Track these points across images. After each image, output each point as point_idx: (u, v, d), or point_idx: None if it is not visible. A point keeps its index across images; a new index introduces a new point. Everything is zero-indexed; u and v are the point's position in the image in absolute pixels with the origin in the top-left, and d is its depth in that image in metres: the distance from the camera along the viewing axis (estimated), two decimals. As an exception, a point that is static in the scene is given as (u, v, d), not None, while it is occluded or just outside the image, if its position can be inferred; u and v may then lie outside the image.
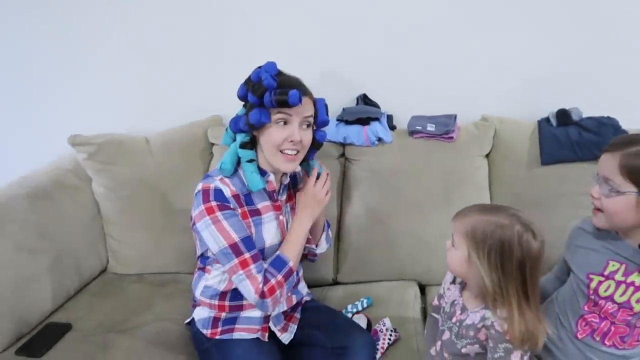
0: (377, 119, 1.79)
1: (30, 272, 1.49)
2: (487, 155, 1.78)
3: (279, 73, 1.24)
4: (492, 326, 1.04)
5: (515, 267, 1.00)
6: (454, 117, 1.79)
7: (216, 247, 1.22)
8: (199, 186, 1.26)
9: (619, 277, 1.11)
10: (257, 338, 1.33)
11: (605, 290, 1.12)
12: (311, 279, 1.68)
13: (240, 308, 1.34)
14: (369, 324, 1.46)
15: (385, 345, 1.37)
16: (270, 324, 1.36)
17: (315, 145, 1.32)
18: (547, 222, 1.51)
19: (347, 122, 1.80)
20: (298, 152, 1.25)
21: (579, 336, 1.16)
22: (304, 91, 1.22)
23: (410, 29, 1.81)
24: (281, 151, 1.24)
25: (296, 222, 1.34)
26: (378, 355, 1.34)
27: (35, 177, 1.72)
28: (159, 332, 1.44)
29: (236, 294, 1.32)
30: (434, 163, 1.73)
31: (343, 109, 1.86)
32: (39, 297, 1.50)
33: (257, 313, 1.35)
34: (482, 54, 1.82)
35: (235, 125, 1.27)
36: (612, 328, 1.12)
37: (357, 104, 1.90)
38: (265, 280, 1.22)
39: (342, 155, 1.83)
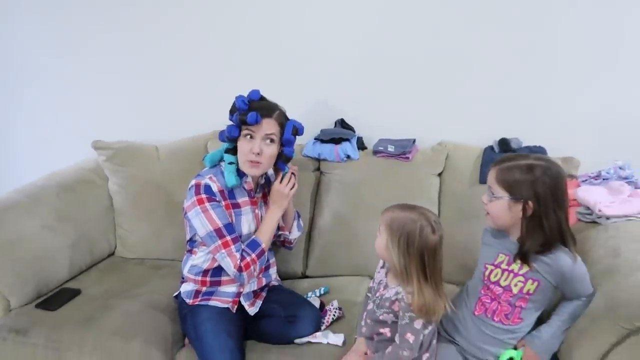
0: (347, 140, 2.12)
1: (53, 247, 1.85)
2: (440, 174, 2.08)
3: (260, 98, 1.59)
4: (402, 299, 1.34)
5: (416, 253, 1.29)
6: (412, 141, 2.11)
7: (204, 231, 1.55)
8: (192, 182, 1.60)
9: (504, 265, 1.41)
10: (227, 308, 1.64)
11: (495, 277, 1.42)
12: (283, 272, 1.99)
13: (219, 283, 1.66)
14: (322, 305, 1.76)
15: (330, 320, 1.67)
16: (241, 299, 1.67)
17: (283, 158, 1.64)
18: (480, 231, 1.77)
19: (323, 141, 2.13)
20: (260, 162, 1.57)
21: (476, 313, 1.45)
22: (266, 113, 1.55)
23: (385, 63, 2.15)
24: (248, 160, 1.57)
25: (268, 213, 1.67)
26: (323, 327, 1.64)
27: (63, 173, 2.11)
28: (152, 300, 1.76)
29: (216, 272, 1.64)
30: (391, 178, 2.02)
31: (321, 130, 2.19)
32: (57, 267, 1.86)
33: (231, 289, 1.66)
34: (447, 88, 2.12)
35: (221, 136, 1.63)
36: (499, 307, 1.41)
37: (335, 126, 2.23)
38: (242, 258, 1.55)
39: (318, 169, 2.16)
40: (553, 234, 1.33)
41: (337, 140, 2.11)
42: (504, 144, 2.01)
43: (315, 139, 2.16)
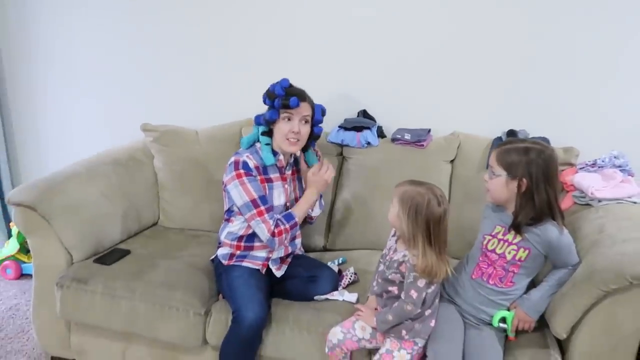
0: (369, 128, 2.33)
1: (108, 213, 2.13)
2: (451, 161, 2.27)
3: (290, 86, 1.82)
4: (408, 260, 1.55)
5: (422, 222, 1.50)
6: (427, 130, 2.31)
7: (241, 201, 1.78)
8: (232, 159, 1.83)
9: (500, 236, 1.61)
10: (258, 270, 1.88)
11: (492, 245, 1.62)
12: (306, 245, 2.20)
13: (251, 248, 1.89)
14: (340, 272, 1.99)
15: (347, 282, 1.89)
16: (270, 263, 1.91)
17: (313, 136, 1.89)
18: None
19: (346, 129, 2.34)
20: (298, 140, 1.81)
21: (473, 277, 1.65)
22: (302, 98, 1.79)
23: (404, 58, 2.35)
24: (287, 139, 1.81)
25: (307, 194, 1.90)
26: (340, 287, 1.87)
27: (116, 150, 2.40)
28: (192, 261, 2.02)
29: (250, 238, 1.87)
30: (407, 163, 2.22)
31: (345, 119, 2.41)
32: (111, 230, 2.14)
33: (262, 254, 1.89)
34: (461, 82, 2.31)
35: (257, 120, 1.87)
36: (494, 271, 1.61)
37: (358, 116, 2.44)
38: (276, 225, 1.78)
39: (341, 154, 2.38)
40: (543, 209, 1.52)
41: (359, 128, 2.33)
42: (511, 134, 2.18)
43: (339, 126, 2.37)
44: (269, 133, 1.85)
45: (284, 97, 1.76)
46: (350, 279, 1.90)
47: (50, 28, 2.76)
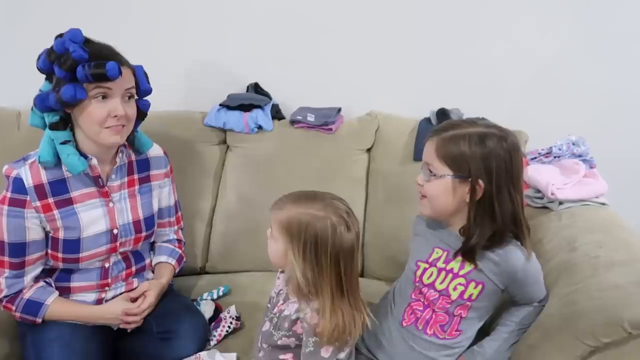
0: (260, 107, 1.76)
1: None
2: (368, 150, 1.78)
3: (87, 41, 1.14)
4: (305, 318, 1.00)
5: (329, 262, 0.96)
6: (337, 110, 1.80)
7: None
8: (4, 168, 1.16)
9: (440, 264, 1.10)
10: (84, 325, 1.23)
11: (429, 278, 1.11)
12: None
13: (68, 290, 1.25)
14: (218, 311, 1.40)
15: (224, 333, 1.31)
16: None
17: (140, 115, 1.25)
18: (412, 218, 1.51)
19: (229, 108, 1.76)
20: (123, 125, 1.17)
21: (404, 324, 1.14)
22: (121, 61, 1.14)
23: (309, 18, 1.80)
24: (107, 127, 1.15)
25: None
26: (213, 342, 1.28)
27: None
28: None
29: (64, 274, 1.25)
30: (310, 153, 1.71)
31: (228, 95, 1.82)
32: None
33: (90, 296, 1.26)
34: (377, 50, 1.82)
35: (42, 104, 1.12)
36: (433, 316, 1.11)
37: (248, 91, 1.86)
38: (11, 299, 1.18)
39: (223, 142, 1.80)
40: (505, 224, 1.04)
41: (247, 107, 1.76)
42: (442, 115, 1.73)
43: (220, 105, 1.79)
44: (62, 123, 1.16)
45: (93, 64, 1.08)
46: (229, 326, 1.32)
47: None
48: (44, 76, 1.17)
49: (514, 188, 1.03)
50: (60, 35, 1.12)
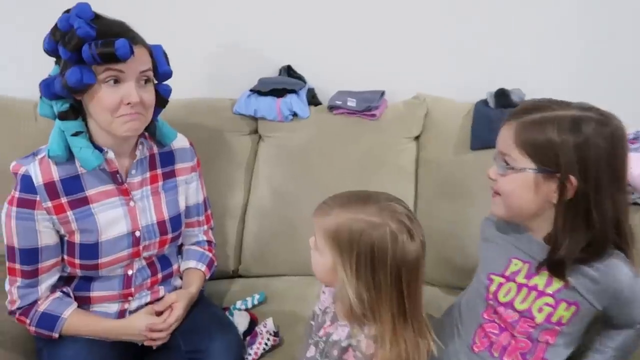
0: (294, 92, 1.64)
1: None
2: (417, 138, 1.62)
3: (96, 17, 1.00)
4: (359, 347, 0.83)
5: (390, 280, 0.79)
6: (380, 93, 1.66)
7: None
8: (12, 164, 1.05)
9: (520, 279, 0.92)
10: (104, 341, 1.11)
11: (505, 295, 0.93)
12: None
13: (88, 301, 1.14)
14: (253, 323, 1.25)
15: (260, 351, 1.16)
16: None
17: (160, 102, 1.11)
18: (470, 215, 1.37)
19: (261, 94, 1.65)
20: (140, 113, 1.03)
21: (476, 349, 0.96)
22: (134, 39, 0.99)
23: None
24: (120, 115, 1.01)
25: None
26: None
27: None
28: None
29: (83, 282, 1.14)
30: (351, 142, 1.58)
31: (259, 79, 1.69)
32: None
33: (112, 307, 1.14)
34: (425, 26, 1.67)
35: (48, 90, 1.00)
36: (512, 342, 0.93)
37: (280, 75, 1.73)
38: (25, 311, 1.08)
39: (255, 131, 1.67)
40: (605, 232, 0.84)
41: (280, 93, 1.64)
42: (502, 96, 1.55)
43: (251, 90, 1.67)
44: (73, 112, 1.03)
45: (101, 42, 0.94)
46: (267, 343, 1.16)
47: None
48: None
49: (617, 188, 0.83)
50: (68, 11, 0.98)
